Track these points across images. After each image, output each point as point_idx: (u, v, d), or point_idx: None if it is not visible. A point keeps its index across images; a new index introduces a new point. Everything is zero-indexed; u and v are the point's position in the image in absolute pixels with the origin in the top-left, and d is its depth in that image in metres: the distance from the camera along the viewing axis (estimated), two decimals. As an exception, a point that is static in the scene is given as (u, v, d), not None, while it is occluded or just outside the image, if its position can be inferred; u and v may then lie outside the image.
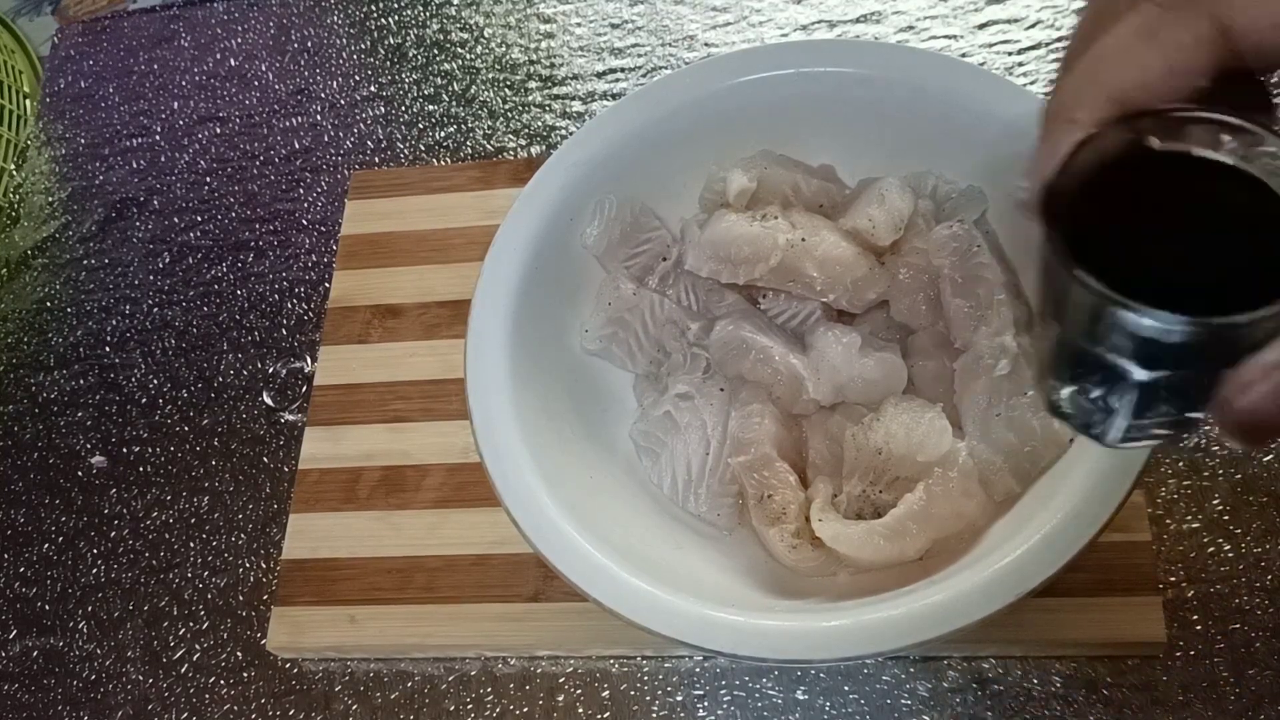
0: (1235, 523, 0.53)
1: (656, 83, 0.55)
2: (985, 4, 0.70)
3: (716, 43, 0.74)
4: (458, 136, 0.73)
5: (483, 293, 0.51)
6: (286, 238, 0.72)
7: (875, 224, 0.52)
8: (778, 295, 0.54)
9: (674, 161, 0.55)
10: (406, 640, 0.56)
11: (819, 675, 0.53)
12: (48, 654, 0.61)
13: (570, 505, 0.46)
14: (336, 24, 0.80)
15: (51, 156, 0.79)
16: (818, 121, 0.55)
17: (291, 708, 0.57)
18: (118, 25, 0.84)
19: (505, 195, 0.66)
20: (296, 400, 0.66)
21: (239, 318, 0.69)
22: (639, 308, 0.53)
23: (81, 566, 0.63)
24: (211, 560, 0.62)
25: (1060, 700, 0.51)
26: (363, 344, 0.64)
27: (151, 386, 0.68)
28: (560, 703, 0.55)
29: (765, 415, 0.50)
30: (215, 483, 0.64)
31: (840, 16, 0.72)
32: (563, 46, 0.76)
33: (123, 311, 0.71)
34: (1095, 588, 0.50)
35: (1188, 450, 0.55)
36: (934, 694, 0.52)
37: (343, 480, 0.60)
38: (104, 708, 0.59)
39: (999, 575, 0.41)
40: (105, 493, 0.65)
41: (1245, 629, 0.51)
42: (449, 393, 0.61)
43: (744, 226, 0.51)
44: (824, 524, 0.46)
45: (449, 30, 0.78)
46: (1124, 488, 0.41)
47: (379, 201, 0.69)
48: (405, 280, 0.66)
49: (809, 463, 0.51)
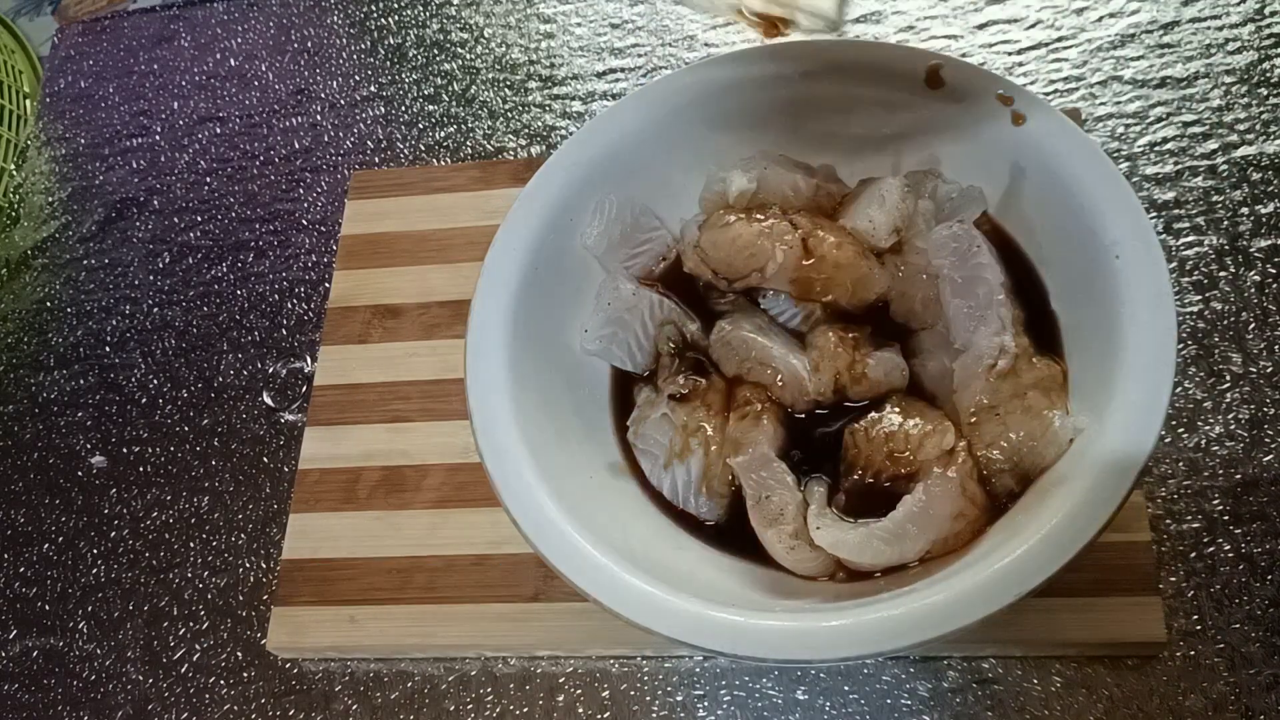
0: (1235, 523, 0.53)
1: (656, 83, 0.55)
2: (985, 4, 0.70)
3: (716, 43, 0.74)
4: (458, 136, 0.73)
5: (483, 293, 0.51)
6: (286, 238, 0.72)
7: (875, 224, 0.52)
8: (778, 295, 0.54)
9: (674, 161, 0.55)
10: (406, 640, 0.56)
11: (819, 675, 0.53)
12: (48, 654, 0.61)
13: (570, 505, 0.46)
14: (336, 24, 0.80)
15: (51, 156, 0.79)
16: (818, 121, 0.55)
17: (291, 708, 0.57)
18: (118, 25, 0.84)
19: (505, 195, 0.66)
20: (296, 400, 0.66)
21: (239, 318, 0.69)
22: (639, 308, 0.53)
23: (81, 566, 0.63)
24: (211, 560, 0.62)
25: (1060, 700, 0.51)
26: (363, 344, 0.64)
27: (151, 386, 0.68)
28: (560, 703, 0.55)
29: (764, 415, 0.50)
30: (215, 483, 0.64)
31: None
32: (563, 46, 0.76)
33: (123, 311, 0.71)
34: (1095, 588, 0.50)
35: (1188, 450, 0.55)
36: (934, 694, 0.52)
37: (343, 480, 0.60)
38: (104, 708, 0.59)
39: (999, 575, 0.41)
40: (105, 493, 0.65)
41: (1245, 629, 0.51)
42: (449, 393, 0.61)
43: (744, 228, 0.51)
44: (822, 531, 0.46)
45: (449, 30, 0.78)
46: (1124, 488, 0.41)
47: (379, 201, 0.69)
48: (405, 280, 0.66)
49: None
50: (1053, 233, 0.50)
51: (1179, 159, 0.63)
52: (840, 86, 0.54)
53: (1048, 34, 0.69)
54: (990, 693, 0.51)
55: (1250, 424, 0.55)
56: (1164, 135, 0.64)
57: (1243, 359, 0.57)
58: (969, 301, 0.49)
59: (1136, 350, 0.44)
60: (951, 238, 0.50)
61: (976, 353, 0.48)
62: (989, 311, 0.49)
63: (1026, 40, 0.69)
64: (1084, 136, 0.49)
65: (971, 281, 0.50)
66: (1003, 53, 0.69)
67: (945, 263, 0.50)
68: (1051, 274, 0.51)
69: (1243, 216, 0.60)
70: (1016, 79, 0.67)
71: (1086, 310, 0.48)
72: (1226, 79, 0.65)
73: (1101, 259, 0.46)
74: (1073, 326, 0.49)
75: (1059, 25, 0.69)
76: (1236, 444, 0.55)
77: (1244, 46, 0.66)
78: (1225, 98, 0.64)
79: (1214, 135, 0.63)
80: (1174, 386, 0.43)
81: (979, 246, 0.50)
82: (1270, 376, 0.56)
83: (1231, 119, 0.63)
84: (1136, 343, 0.44)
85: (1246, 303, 0.58)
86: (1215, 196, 0.61)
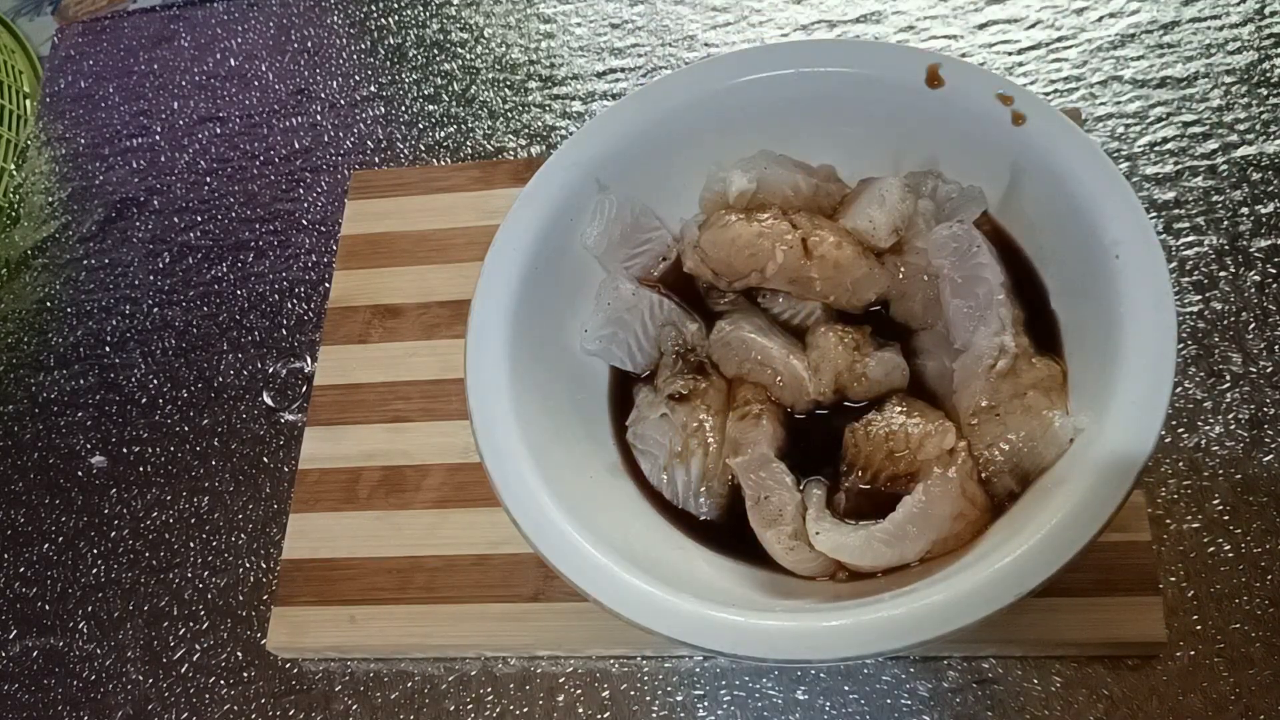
0: (1235, 523, 0.53)
1: (656, 83, 0.55)
2: (985, 4, 0.70)
3: (716, 43, 0.74)
4: (458, 136, 0.73)
5: (483, 293, 0.51)
6: (286, 238, 0.72)
7: (875, 224, 0.52)
8: (777, 295, 0.54)
9: (674, 161, 0.55)
10: (406, 640, 0.56)
11: (819, 675, 0.53)
12: (48, 654, 0.61)
13: (570, 505, 0.46)
14: (336, 24, 0.80)
15: (51, 156, 0.79)
16: (818, 121, 0.55)
17: (291, 708, 0.57)
18: (118, 25, 0.84)
19: (505, 195, 0.66)
20: (296, 400, 0.66)
21: (239, 318, 0.69)
22: (639, 308, 0.53)
23: (81, 566, 0.63)
24: (211, 560, 0.62)
25: (1060, 700, 0.51)
26: (363, 344, 0.64)
27: (151, 386, 0.68)
28: (560, 703, 0.55)
29: (764, 416, 0.50)
30: (215, 483, 0.64)
31: (840, 16, 0.73)
32: (563, 46, 0.76)
33: (123, 311, 0.71)
34: (1095, 588, 0.50)
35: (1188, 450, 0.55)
36: (934, 694, 0.52)
37: (343, 480, 0.60)
38: (104, 708, 0.59)
39: (999, 575, 0.41)
40: (105, 493, 0.65)
41: (1245, 629, 0.51)
42: (449, 393, 0.61)
43: (744, 228, 0.51)
44: (822, 536, 0.46)
45: (449, 30, 0.78)
46: (1124, 488, 0.41)
47: (379, 201, 0.69)
48: (405, 280, 0.66)
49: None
50: (1053, 233, 0.50)
51: (1179, 159, 0.63)
52: (840, 86, 0.54)
53: (1048, 34, 0.69)
54: (990, 693, 0.51)
55: (1250, 424, 0.55)
56: (1164, 135, 0.64)
57: (1243, 359, 0.57)
58: (969, 301, 0.49)
59: (1136, 350, 0.44)
60: (951, 238, 0.50)
61: (976, 353, 0.48)
62: (989, 311, 0.49)
63: (1026, 40, 0.69)
64: (1084, 136, 0.49)
65: (971, 281, 0.50)
66: (1003, 53, 0.69)
67: (945, 263, 0.50)
68: (1051, 274, 0.51)
69: (1243, 216, 0.60)
70: (1016, 79, 0.67)
71: (1086, 310, 0.48)
72: (1226, 79, 0.65)
73: (1101, 259, 0.46)
74: (1073, 326, 0.49)
75: (1059, 25, 0.69)
76: (1236, 444, 0.55)
77: (1244, 46, 0.66)
78: (1225, 98, 0.64)
79: (1214, 135, 0.63)
80: (1174, 386, 0.43)
81: (979, 246, 0.50)
82: (1270, 376, 0.56)
83: (1231, 119, 0.63)
84: (1136, 343, 0.44)
85: (1246, 303, 0.58)
86: (1215, 196, 0.61)
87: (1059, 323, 0.50)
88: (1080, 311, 0.48)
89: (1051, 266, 0.51)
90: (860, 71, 0.53)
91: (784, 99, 0.54)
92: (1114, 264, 0.46)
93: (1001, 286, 0.49)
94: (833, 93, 0.54)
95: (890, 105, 0.53)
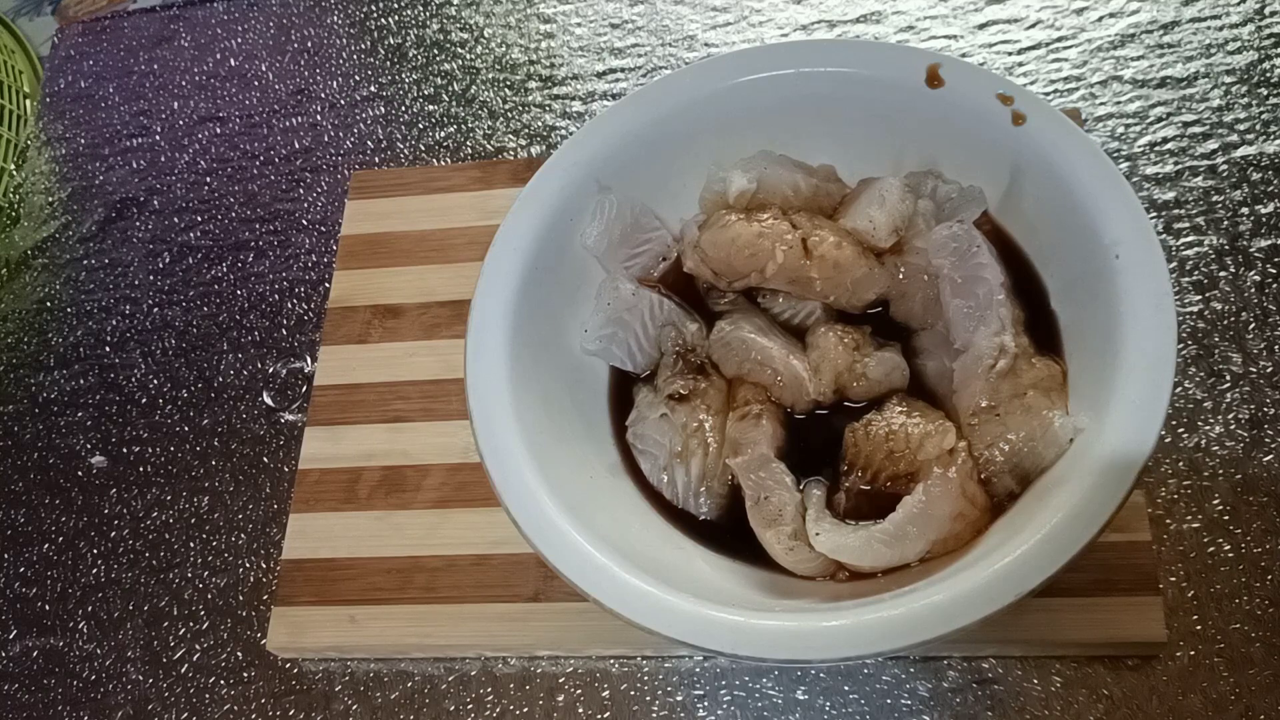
0: (1235, 523, 0.53)
1: (656, 83, 0.55)
2: (985, 4, 0.70)
3: (716, 43, 0.74)
4: (458, 136, 0.73)
5: (482, 293, 0.51)
6: (286, 238, 0.72)
7: (875, 224, 0.52)
8: (777, 295, 0.54)
9: (674, 161, 0.55)
10: (406, 640, 0.56)
11: (819, 675, 0.53)
12: (48, 654, 0.61)
13: (570, 505, 0.46)
14: (336, 24, 0.80)
15: (51, 156, 0.79)
16: (818, 121, 0.55)
17: (291, 708, 0.57)
18: (118, 25, 0.84)
19: (505, 195, 0.66)
20: (296, 400, 0.66)
21: (239, 318, 0.69)
22: (639, 308, 0.53)
23: (81, 566, 0.63)
24: (211, 560, 0.62)
25: (1060, 700, 0.51)
26: (363, 344, 0.64)
27: (151, 386, 0.68)
28: (560, 703, 0.55)
29: (763, 416, 0.50)
30: (215, 483, 0.64)
31: (840, 16, 0.73)
32: (563, 46, 0.76)
33: (123, 311, 0.71)
34: (1095, 588, 0.50)
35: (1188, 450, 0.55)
36: (934, 694, 0.52)
37: (343, 480, 0.60)
38: (104, 708, 0.59)
39: (999, 575, 0.41)
40: (105, 493, 0.65)
41: (1245, 629, 0.51)
42: (449, 393, 0.61)
43: (744, 228, 0.51)
44: (822, 537, 0.46)
45: (449, 30, 0.78)
46: (1124, 488, 0.41)
47: (379, 201, 0.69)
48: (405, 280, 0.66)
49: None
50: (1053, 233, 0.50)
51: (1179, 159, 0.63)
52: (840, 86, 0.54)
53: (1048, 34, 0.69)
54: (990, 693, 0.51)
55: (1250, 424, 0.55)
56: (1164, 135, 0.64)
57: (1243, 359, 0.57)
58: (969, 301, 0.49)
59: (1136, 350, 0.44)
60: (951, 238, 0.50)
61: (976, 353, 0.48)
62: (989, 311, 0.49)
63: (1026, 40, 0.69)
64: (1084, 136, 0.49)
65: (971, 281, 0.50)
66: (1003, 53, 0.69)
67: (945, 263, 0.50)
68: (1051, 274, 0.51)
69: (1243, 216, 0.60)
70: (1016, 79, 0.67)
71: (1086, 310, 0.48)
72: (1226, 79, 0.65)
73: (1101, 259, 0.46)
74: (1073, 326, 0.49)
75: (1059, 25, 0.69)
76: (1236, 444, 0.55)
77: (1244, 46, 0.66)
78: (1225, 98, 0.64)
79: (1214, 135, 0.63)
80: (1174, 386, 0.43)
81: (979, 246, 0.50)
82: (1270, 376, 0.56)
83: (1231, 119, 0.63)
84: (1136, 343, 0.44)
85: (1246, 303, 0.58)
86: (1215, 196, 0.61)
87: (1059, 323, 0.50)
88: (1080, 311, 0.48)
89: (1051, 266, 0.51)
90: (860, 71, 0.53)
91: (784, 99, 0.54)
92: (1114, 264, 0.46)
93: (1001, 286, 0.49)
94: (833, 93, 0.54)
95: (890, 105, 0.53)
